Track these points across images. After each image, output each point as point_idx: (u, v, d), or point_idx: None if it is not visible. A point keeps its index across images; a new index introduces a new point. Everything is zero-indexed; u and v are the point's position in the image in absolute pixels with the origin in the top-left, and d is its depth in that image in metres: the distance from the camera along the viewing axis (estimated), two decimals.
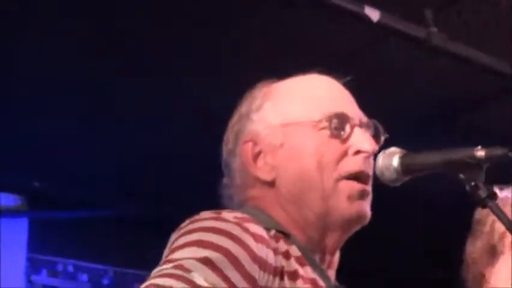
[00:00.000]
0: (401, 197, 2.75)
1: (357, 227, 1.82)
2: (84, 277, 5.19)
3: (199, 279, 1.52)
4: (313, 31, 3.55)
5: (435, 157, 1.81)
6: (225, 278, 1.58)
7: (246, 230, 1.65)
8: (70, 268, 5.15)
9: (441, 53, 3.57)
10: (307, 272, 1.76)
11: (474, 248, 2.46)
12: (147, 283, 1.48)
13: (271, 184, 1.86)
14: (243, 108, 1.91)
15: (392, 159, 1.81)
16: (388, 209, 3.60)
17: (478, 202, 1.72)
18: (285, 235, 1.80)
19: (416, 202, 4.33)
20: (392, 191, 1.92)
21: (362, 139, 1.82)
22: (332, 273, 1.87)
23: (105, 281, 5.34)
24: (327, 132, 1.83)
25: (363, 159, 1.80)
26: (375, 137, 1.88)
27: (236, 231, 1.65)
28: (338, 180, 1.80)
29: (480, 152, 1.71)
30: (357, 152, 1.81)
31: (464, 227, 2.51)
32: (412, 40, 3.49)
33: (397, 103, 3.99)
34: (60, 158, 4.57)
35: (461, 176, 1.73)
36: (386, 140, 1.98)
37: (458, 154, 1.77)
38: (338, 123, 1.86)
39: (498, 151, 1.71)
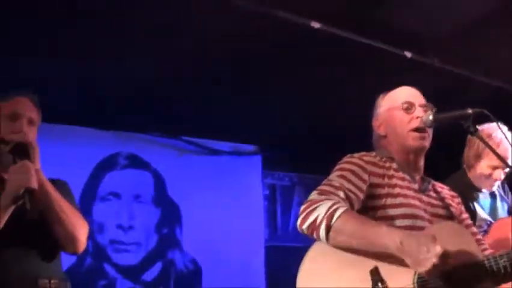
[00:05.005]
0: None
1: (422, 152, 2.47)
2: (286, 180, 6.03)
3: (335, 182, 2.23)
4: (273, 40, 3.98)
5: (447, 113, 2.37)
6: (349, 180, 2.27)
7: (362, 160, 2.36)
8: (277, 175, 5.98)
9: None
10: (400, 175, 2.41)
11: (468, 153, 3.42)
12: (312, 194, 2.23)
13: (385, 137, 2.51)
14: (377, 104, 2.57)
15: (430, 115, 2.42)
16: None
17: (470, 133, 2.35)
18: (392, 159, 2.43)
19: None
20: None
21: (419, 112, 2.42)
22: (418, 174, 2.49)
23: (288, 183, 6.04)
24: (402, 110, 2.44)
25: (419, 121, 2.41)
26: (426, 109, 2.45)
27: (357, 160, 2.37)
28: (409, 131, 2.41)
29: (469, 110, 2.28)
30: (417, 117, 2.41)
31: None
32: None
33: None
34: (274, 122, 5.11)
35: (462, 122, 2.30)
36: None
37: (459, 111, 2.32)
38: (408, 105, 2.45)
39: (470, 111, 2.27)
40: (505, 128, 3.00)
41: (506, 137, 2.71)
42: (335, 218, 2.11)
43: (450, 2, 3.68)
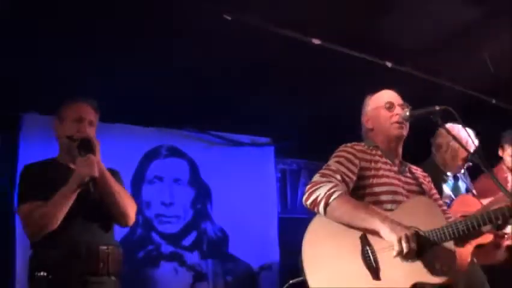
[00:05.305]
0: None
1: (401, 140, 2.45)
2: (294, 166, 5.82)
3: (333, 167, 2.24)
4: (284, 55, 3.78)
5: (420, 110, 2.36)
6: (344, 165, 2.28)
7: (354, 148, 2.37)
8: (287, 161, 5.81)
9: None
10: (383, 160, 2.42)
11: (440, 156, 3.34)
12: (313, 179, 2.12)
13: (372, 130, 2.50)
14: (365, 103, 2.53)
15: (407, 111, 2.42)
16: None
17: (439, 127, 2.40)
18: (377, 148, 2.43)
19: None
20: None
21: (398, 110, 2.44)
22: (398, 159, 2.46)
23: (295, 167, 5.81)
24: (385, 109, 2.45)
25: (399, 117, 2.42)
26: (403, 107, 2.43)
27: (350, 149, 2.36)
28: (391, 124, 2.43)
29: (437, 107, 2.26)
30: (396, 114, 2.43)
31: None
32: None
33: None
34: (284, 119, 4.95)
35: (432, 116, 2.28)
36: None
37: (429, 108, 2.28)
38: (389, 105, 2.45)
39: (437, 108, 2.23)
40: (460, 125, 2.90)
41: (467, 132, 2.69)
42: (331, 199, 2.16)
43: (422, 22, 3.61)
